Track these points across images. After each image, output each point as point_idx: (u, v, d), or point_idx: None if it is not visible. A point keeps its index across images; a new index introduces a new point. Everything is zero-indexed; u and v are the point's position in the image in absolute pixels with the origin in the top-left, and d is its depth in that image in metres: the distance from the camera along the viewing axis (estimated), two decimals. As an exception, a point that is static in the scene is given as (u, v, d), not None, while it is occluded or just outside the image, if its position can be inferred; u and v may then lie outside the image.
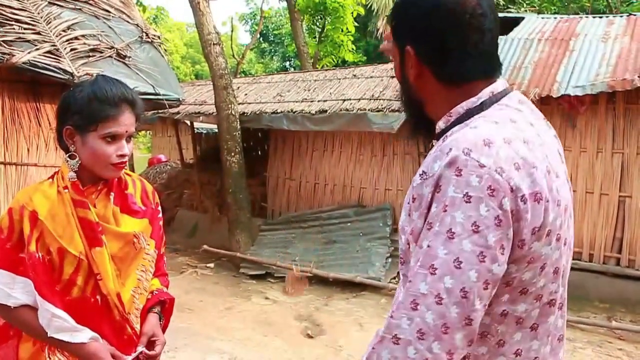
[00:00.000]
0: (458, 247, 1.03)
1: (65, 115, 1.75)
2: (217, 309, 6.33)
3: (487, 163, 1.05)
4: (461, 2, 1.17)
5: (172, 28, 39.50)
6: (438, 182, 1.08)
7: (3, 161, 5.26)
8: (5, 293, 1.66)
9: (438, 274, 1.04)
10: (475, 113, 1.19)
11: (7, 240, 1.67)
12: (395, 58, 1.32)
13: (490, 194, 1.04)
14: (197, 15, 8.84)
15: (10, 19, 5.06)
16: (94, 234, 1.73)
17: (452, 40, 1.19)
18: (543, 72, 7.06)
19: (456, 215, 1.04)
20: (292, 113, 8.46)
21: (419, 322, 1.04)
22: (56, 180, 1.76)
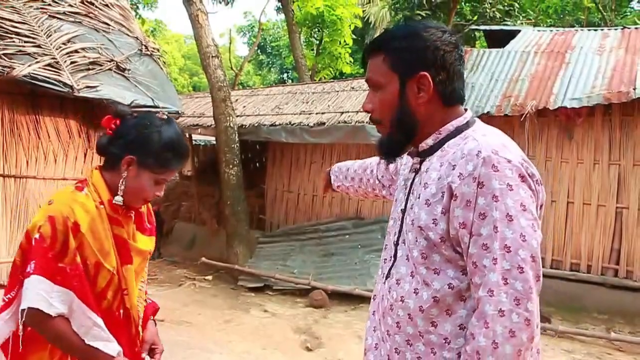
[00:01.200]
0: (518, 225, 1.32)
1: (137, 147, 1.78)
2: (215, 321, 6.31)
3: (511, 158, 1.35)
4: (457, 42, 1.49)
5: (170, 40, 39.60)
6: (479, 179, 1.33)
7: (2, 173, 5.27)
8: (47, 302, 1.64)
9: (512, 250, 1.31)
10: (463, 129, 1.48)
11: (50, 249, 1.66)
12: (388, 85, 1.49)
13: (522, 180, 1.34)
14: (196, 28, 8.89)
15: (11, 32, 5.09)
16: (126, 252, 1.82)
17: (455, 69, 1.48)
18: (540, 84, 7.12)
19: (508, 202, 1.32)
20: (290, 125, 8.49)
21: (512, 293, 1.30)
22: (91, 194, 1.78)
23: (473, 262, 1.36)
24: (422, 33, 1.46)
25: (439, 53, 1.44)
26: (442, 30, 1.48)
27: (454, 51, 1.47)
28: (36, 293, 1.63)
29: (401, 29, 1.54)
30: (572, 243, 6.89)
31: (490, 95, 7.26)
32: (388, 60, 1.48)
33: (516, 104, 6.93)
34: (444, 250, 1.41)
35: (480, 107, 7.11)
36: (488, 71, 7.74)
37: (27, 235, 1.72)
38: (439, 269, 1.43)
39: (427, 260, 1.44)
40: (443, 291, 1.42)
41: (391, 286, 1.53)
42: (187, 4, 8.87)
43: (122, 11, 7.07)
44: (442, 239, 1.40)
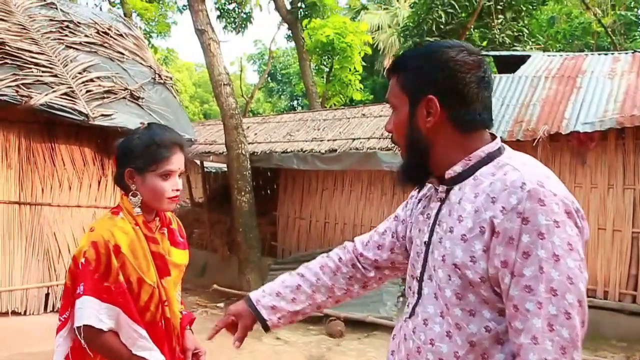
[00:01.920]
0: (565, 267, 1.20)
1: (126, 159, 1.98)
2: (228, 349, 6.24)
3: (557, 192, 1.24)
4: (479, 62, 1.37)
5: (181, 68, 40.07)
6: (524, 214, 1.21)
7: (18, 201, 5.32)
8: (97, 318, 1.82)
9: (559, 294, 1.20)
10: (496, 156, 1.36)
11: (95, 271, 1.83)
12: (401, 107, 1.43)
13: (568, 216, 1.22)
14: (208, 57, 9.00)
15: (29, 63, 5.19)
16: (164, 265, 2.00)
17: (472, 91, 1.35)
18: (551, 109, 7.11)
19: (554, 240, 1.20)
20: (301, 152, 8.51)
21: (558, 341, 1.19)
22: (126, 217, 1.96)
23: (514, 304, 1.24)
24: (434, 53, 1.39)
25: (450, 74, 1.35)
26: (460, 49, 1.38)
27: (471, 72, 1.35)
28: (87, 311, 1.82)
29: (417, 49, 1.48)
30: (588, 269, 6.77)
31: (501, 120, 7.26)
32: (400, 82, 1.43)
33: (528, 129, 6.92)
34: (483, 291, 1.29)
35: (492, 133, 7.10)
36: (499, 97, 7.75)
37: (75, 260, 1.90)
38: (475, 310, 1.31)
39: (462, 301, 1.31)
40: (480, 334, 1.30)
41: (417, 326, 1.41)
42: (199, 33, 8.99)
43: (136, 41, 7.19)
44: (482, 279, 1.28)
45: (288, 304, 1.72)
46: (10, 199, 5.30)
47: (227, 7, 17.03)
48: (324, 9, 15.60)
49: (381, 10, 21.31)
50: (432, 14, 13.38)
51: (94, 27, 6.62)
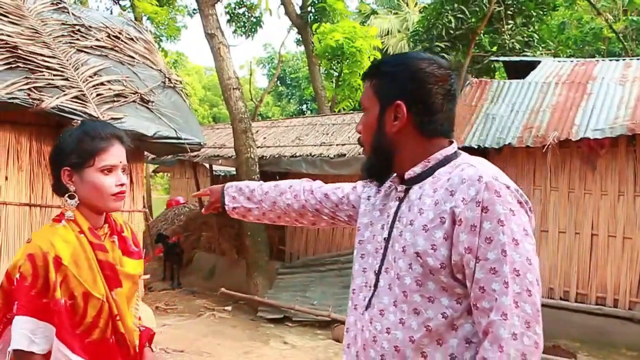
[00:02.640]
0: (524, 249, 1.34)
1: (60, 158, 1.80)
2: (235, 352, 6.27)
3: (509, 185, 1.39)
4: (447, 75, 1.50)
5: (190, 71, 40.27)
6: (483, 204, 1.34)
7: (28, 203, 5.34)
8: (29, 340, 1.66)
9: (521, 274, 1.33)
10: (452, 159, 1.49)
11: (31, 287, 1.66)
12: (372, 109, 1.53)
13: (521, 206, 1.38)
14: (218, 61, 9.04)
15: (41, 66, 5.22)
16: (114, 276, 1.81)
17: (437, 102, 1.48)
18: (561, 115, 7.09)
19: (513, 227, 1.34)
20: (310, 157, 8.52)
21: (523, 316, 1.32)
22: (69, 225, 1.78)
23: (480, 286, 1.35)
24: (407, 63, 1.49)
25: (420, 84, 1.46)
26: (432, 62, 1.49)
27: (439, 84, 1.47)
28: (20, 334, 1.65)
29: (393, 57, 1.58)
30: (598, 276, 6.76)
31: (511, 126, 7.24)
32: (374, 86, 1.53)
33: (538, 135, 6.90)
34: (443, 278, 1.39)
35: (501, 139, 7.09)
36: (508, 102, 7.73)
37: (8, 275, 1.71)
38: (434, 297, 1.41)
39: (422, 287, 1.41)
40: (437, 320, 1.40)
41: (373, 317, 1.50)
42: (209, 37, 9.03)
43: (147, 44, 7.22)
44: (442, 265, 1.39)
45: (244, 200, 2.01)
46: (21, 200, 5.33)
47: (237, 11, 17.08)
48: (334, 13, 15.61)
49: (391, 15, 21.32)
50: (441, 19, 13.36)
51: (105, 31, 6.65)
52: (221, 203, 2.07)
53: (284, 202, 1.96)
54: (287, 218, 2.00)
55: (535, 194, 7.13)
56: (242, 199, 2.02)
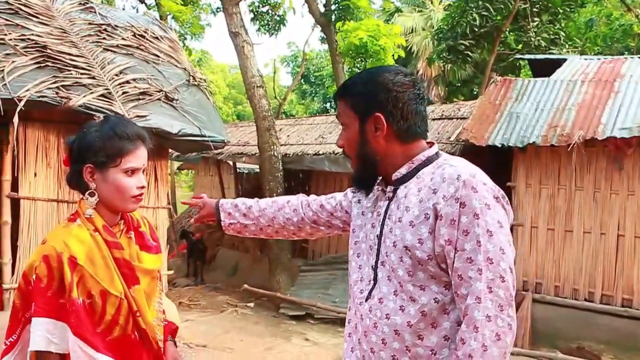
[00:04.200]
0: (497, 240, 1.47)
1: (84, 154, 1.76)
2: (257, 349, 6.32)
3: (486, 182, 1.53)
4: (413, 81, 1.64)
5: (215, 70, 40.50)
6: (461, 200, 1.48)
7: (57, 199, 5.46)
8: (47, 340, 1.66)
9: (495, 262, 1.47)
10: (434, 159, 1.63)
11: (47, 289, 1.66)
12: (352, 125, 1.66)
13: (496, 200, 1.51)
14: (242, 59, 9.09)
15: (69, 65, 5.33)
16: (131, 273, 1.80)
17: (410, 107, 1.62)
18: (587, 114, 6.99)
19: (487, 219, 1.47)
20: (333, 155, 8.54)
21: (496, 300, 1.45)
22: (84, 223, 1.77)
23: (459, 275, 1.49)
24: (376, 78, 1.63)
25: (391, 95, 1.60)
26: (397, 72, 1.63)
27: (408, 91, 1.61)
28: (38, 335, 1.65)
29: (359, 76, 1.71)
30: (624, 278, 6.66)
31: (535, 125, 7.17)
32: (349, 104, 1.66)
33: (563, 134, 6.82)
34: (430, 267, 1.54)
35: (525, 138, 7.02)
36: (533, 101, 7.65)
37: (25, 276, 1.72)
38: (425, 285, 1.55)
39: (413, 277, 1.56)
40: (430, 305, 1.54)
41: (372, 305, 1.63)
42: (233, 35, 9.09)
43: (171, 43, 7.31)
44: (429, 257, 1.53)
45: (241, 216, 2.10)
46: (50, 196, 5.45)
47: (260, 9, 17.14)
48: (358, 11, 15.55)
49: (415, 13, 21.17)
50: (466, 16, 13.25)
51: (131, 30, 6.75)
52: (216, 218, 2.14)
53: (283, 217, 2.08)
54: (285, 232, 2.12)
55: (560, 193, 7.05)
56: (238, 215, 2.11)
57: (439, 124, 8.72)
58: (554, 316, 6.89)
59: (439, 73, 19.22)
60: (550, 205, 7.11)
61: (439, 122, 8.83)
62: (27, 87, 4.90)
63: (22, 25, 5.57)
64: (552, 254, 7.10)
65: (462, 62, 15.11)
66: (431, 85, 20.34)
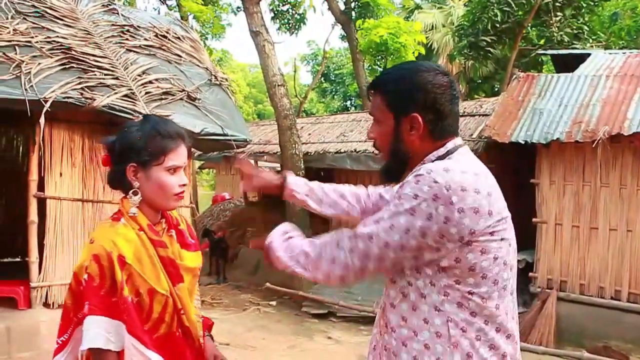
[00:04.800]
0: (397, 221, 1.53)
1: (128, 153, 1.79)
2: (280, 347, 6.34)
3: (439, 181, 1.48)
4: (450, 82, 1.63)
5: (235, 69, 40.72)
6: (401, 185, 1.55)
7: (81, 198, 5.53)
8: (105, 338, 1.68)
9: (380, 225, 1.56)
10: (442, 158, 1.62)
11: (100, 287, 1.69)
12: (386, 121, 1.67)
13: (433, 199, 1.47)
14: (263, 58, 9.12)
15: (93, 66, 5.39)
16: (176, 271, 1.83)
17: (447, 108, 1.62)
18: (612, 109, 6.89)
19: (404, 203, 1.51)
20: (355, 153, 8.53)
21: (353, 247, 1.59)
22: (129, 222, 1.79)
23: None
24: (415, 77, 1.62)
25: (430, 96, 1.60)
26: (435, 72, 1.63)
27: (445, 92, 1.61)
28: (95, 333, 1.67)
29: (395, 71, 1.70)
30: (651, 275, 6.56)
31: (559, 121, 7.08)
32: (385, 100, 1.67)
33: (587, 130, 6.73)
34: None
35: (549, 134, 6.94)
36: (557, 97, 7.56)
37: (75, 277, 1.74)
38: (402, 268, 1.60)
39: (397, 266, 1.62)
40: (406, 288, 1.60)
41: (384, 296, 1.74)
42: (254, 34, 9.12)
43: (193, 43, 7.35)
44: None
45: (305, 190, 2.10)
46: (74, 196, 5.52)
47: (281, 8, 17.19)
48: (378, 9, 15.54)
49: (435, 10, 21.04)
50: (487, 12, 13.14)
51: (153, 31, 6.80)
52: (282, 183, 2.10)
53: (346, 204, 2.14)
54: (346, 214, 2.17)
55: (584, 190, 6.96)
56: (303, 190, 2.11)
57: (461, 121, 8.66)
58: (579, 314, 6.80)
59: (460, 70, 19.08)
60: (575, 202, 7.03)
61: (461, 119, 8.76)
62: (53, 88, 4.97)
63: (48, 28, 5.65)
64: (577, 251, 7.01)
65: (483, 58, 15.00)
66: (452, 82, 20.20)
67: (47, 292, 5.39)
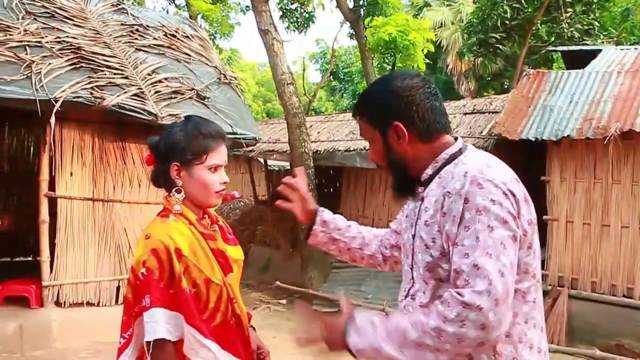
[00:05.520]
0: (499, 234, 1.43)
1: (171, 152, 1.86)
2: (290, 345, 6.32)
3: (494, 177, 1.48)
4: (423, 81, 1.65)
5: (244, 68, 40.74)
6: (465, 196, 1.47)
7: (92, 197, 5.56)
8: (166, 329, 1.75)
9: (494, 257, 1.41)
10: (457, 156, 1.63)
11: (160, 280, 1.75)
12: (375, 139, 1.69)
13: (505, 196, 1.46)
14: (271, 57, 9.11)
15: (102, 66, 5.42)
16: (226, 262, 1.91)
17: (424, 107, 1.63)
18: (624, 105, 6.82)
19: (490, 215, 1.43)
20: (365, 151, 8.50)
21: (494, 293, 1.37)
22: (178, 218, 1.87)
23: (455, 269, 1.46)
24: (385, 88, 1.66)
25: (403, 101, 1.61)
26: (403, 77, 1.66)
27: (418, 92, 1.62)
28: (159, 325, 1.74)
29: (369, 90, 1.74)
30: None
31: (570, 118, 7.03)
32: (367, 120, 1.70)
33: (599, 127, 6.67)
34: (444, 265, 1.54)
35: (559, 131, 6.90)
36: (567, 93, 7.50)
37: (134, 271, 1.80)
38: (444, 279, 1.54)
39: (433, 273, 1.57)
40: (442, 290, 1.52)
41: (406, 304, 1.67)
42: (263, 33, 9.12)
43: (202, 42, 7.37)
44: (442, 254, 1.54)
45: (334, 230, 2.01)
46: (85, 195, 5.56)
47: (289, 7, 17.18)
48: (386, 6, 15.49)
49: (444, 7, 20.96)
50: (497, 9, 13.06)
51: (162, 30, 6.83)
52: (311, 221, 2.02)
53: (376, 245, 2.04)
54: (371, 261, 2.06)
55: (596, 187, 6.90)
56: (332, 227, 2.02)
57: (471, 118, 8.63)
58: (590, 312, 6.75)
59: (469, 67, 19.00)
60: (586, 200, 6.97)
61: (471, 116, 8.73)
62: (63, 88, 5.00)
63: (58, 28, 5.69)
64: (589, 249, 6.96)
65: (492, 55, 14.92)
66: (461, 79, 20.15)
67: (59, 290, 5.43)
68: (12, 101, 4.86)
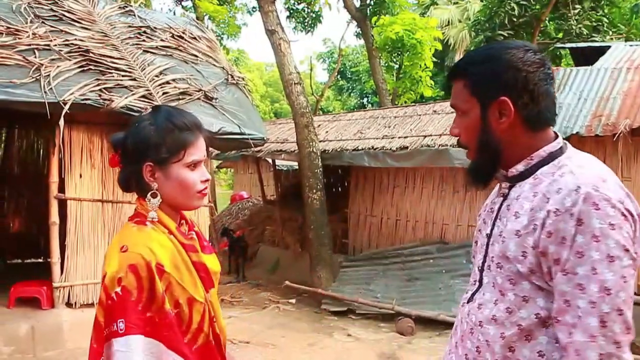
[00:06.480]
0: (620, 266, 1.24)
1: (142, 151, 1.57)
2: (299, 344, 6.34)
3: (611, 196, 1.27)
4: (543, 60, 1.42)
5: (251, 68, 40.84)
6: (578, 216, 1.25)
7: (101, 199, 5.59)
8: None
9: (613, 292, 1.24)
10: (557, 155, 1.41)
11: (138, 302, 1.48)
12: (471, 110, 1.46)
13: (624, 219, 1.26)
14: (279, 57, 9.13)
15: (111, 68, 5.45)
16: (207, 277, 1.66)
17: (541, 89, 1.40)
18: (634, 102, 6.78)
19: (609, 242, 1.23)
20: (372, 150, 8.51)
21: (612, 336, 1.24)
22: (157, 226, 1.59)
23: (566, 299, 1.28)
24: (501, 55, 1.41)
25: (520, 75, 1.38)
26: (525, 49, 1.41)
27: (538, 70, 1.39)
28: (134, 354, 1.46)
29: (480, 52, 1.50)
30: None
31: (579, 115, 6.99)
32: (468, 86, 1.45)
33: (608, 124, 6.63)
34: (535, 281, 1.35)
35: (568, 128, 6.86)
36: (576, 90, 7.46)
37: (106, 289, 1.49)
38: (529, 296, 1.36)
39: (516, 286, 1.38)
40: (529, 320, 1.36)
41: (471, 309, 1.49)
42: (270, 33, 9.13)
43: (209, 43, 7.39)
44: (531, 271, 1.34)
45: None
46: (94, 197, 5.59)
47: (296, 7, 17.21)
48: (393, 5, 15.49)
49: (451, 5, 20.93)
50: (504, 6, 13.02)
51: (169, 32, 6.86)
52: None
53: None
54: None
55: (606, 184, 6.86)
56: None
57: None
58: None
59: (477, 65, 18.91)
60: (596, 197, 6.93)
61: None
62: (72, 90, 5.03)
63: (66, 31, 5.72)
64: (599, 246, 6.91)
65: (500, 53, 14.85)
66: (469, 77, 20.08)
67: (70, 292, 5.47)
68: (21, 104, 4.89)
